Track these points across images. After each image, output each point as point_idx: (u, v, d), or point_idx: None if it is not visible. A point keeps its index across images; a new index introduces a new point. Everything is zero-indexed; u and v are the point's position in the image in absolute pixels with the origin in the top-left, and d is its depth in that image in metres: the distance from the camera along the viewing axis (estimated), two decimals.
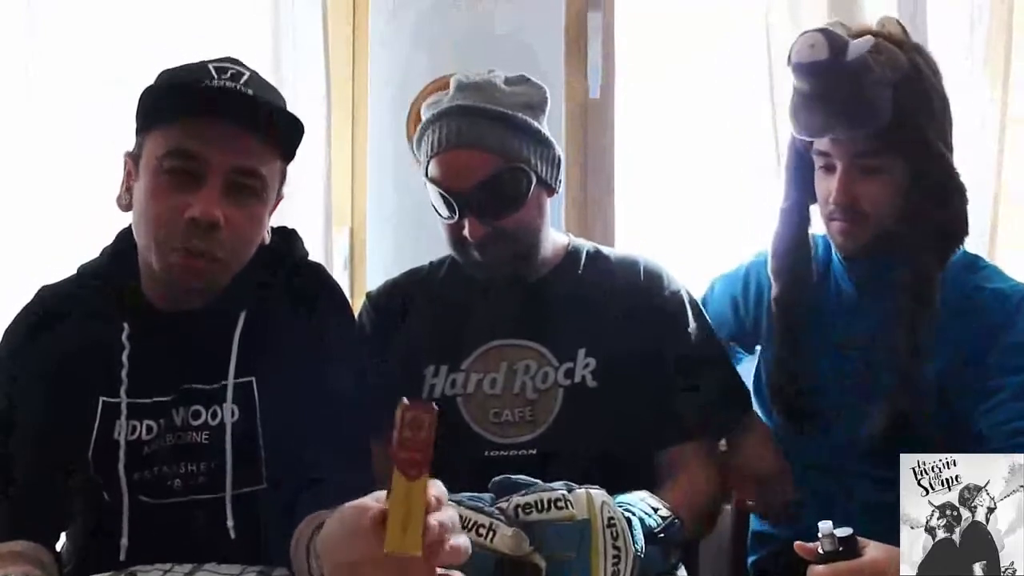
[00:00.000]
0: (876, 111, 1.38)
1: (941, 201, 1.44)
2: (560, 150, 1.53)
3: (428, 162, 1.50)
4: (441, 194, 1.48)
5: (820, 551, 1.10)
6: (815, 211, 1.56)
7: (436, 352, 1.53)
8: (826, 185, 1.47)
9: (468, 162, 1.46)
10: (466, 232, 1.46)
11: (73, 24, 2.47)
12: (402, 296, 1.62)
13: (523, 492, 1.12)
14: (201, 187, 1.21)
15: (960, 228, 1.46)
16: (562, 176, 1.55)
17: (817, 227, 1.56)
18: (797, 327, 1.53)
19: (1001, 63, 2.45)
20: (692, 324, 1.54)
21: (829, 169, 1.46)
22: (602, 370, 1.48)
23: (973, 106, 2.46)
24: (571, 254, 1.60)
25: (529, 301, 1.53)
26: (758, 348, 1.66)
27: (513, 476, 1.17)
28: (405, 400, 0.83)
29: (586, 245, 1.62)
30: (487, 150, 1.45)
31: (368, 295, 1.66)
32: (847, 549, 1.08)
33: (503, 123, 1.46)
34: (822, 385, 1.52)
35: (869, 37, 1.38)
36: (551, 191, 1.54)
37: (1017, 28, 2.47)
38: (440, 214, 1.50)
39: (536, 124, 1.49)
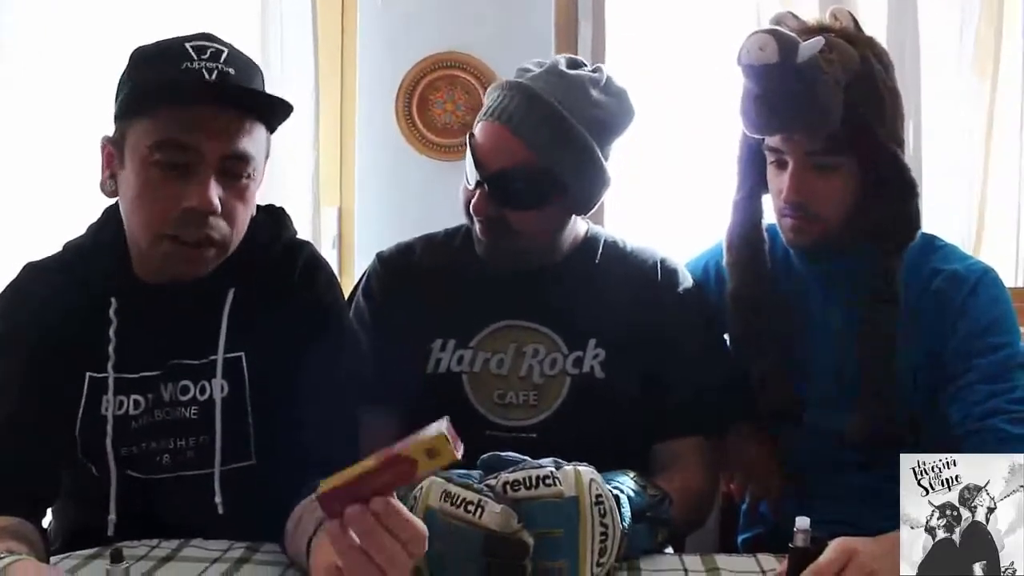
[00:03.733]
0: (827, 112, 1.36)
1: (892, 199, 1.43)
2: (610, 175, 1.48)
3: (480, 119, 1.46)
4: (471, 158, 1.45)
5: (791, 544, 1.11)
6: (768, 201, 1.55)
7: (445, 326, 1.51)
8: (778, 181, 1.46)
9: (505, 144, 1.41)
10: (473, 201, 1.44)
11: (61, 8, 2.46)
12: (415, 259, 1.59)
13: (512, 469, 1.11)
14: (194, 175, 1.20)
15: (911, 225, 1.45)
16: (602, 200, 1.51)
17: (770, 217, 1.55)
18: (756, 321, 1.53)
19: (990, 63, 2.47)
20: (702, 322, 1.54)
21: (781, 165, 1.45)
22: (611, 362, 1.47)
23: (962, 105, 2.48)
24: (589, 241, 1.57)
25: (544, 284, 1.51)
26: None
27: (502, 453, 1.16)
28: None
29: (604, 233, 1.59)
30: (527, 145, 1.41)
31: (379, 254, 1.63)
32: (817, 547, 1.10)
33: (560, 129, 1.41)
34: (800, 375, 1.52)
35: (820, 38, 1.35)
36: (582, 210, 1.51)
37: (1006, 29, 2.48)
38: (466, 174, 1.47)
39: (595, 144, 1.43)
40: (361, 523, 0.86)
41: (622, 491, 1.17)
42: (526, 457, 1.15)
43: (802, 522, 1.11)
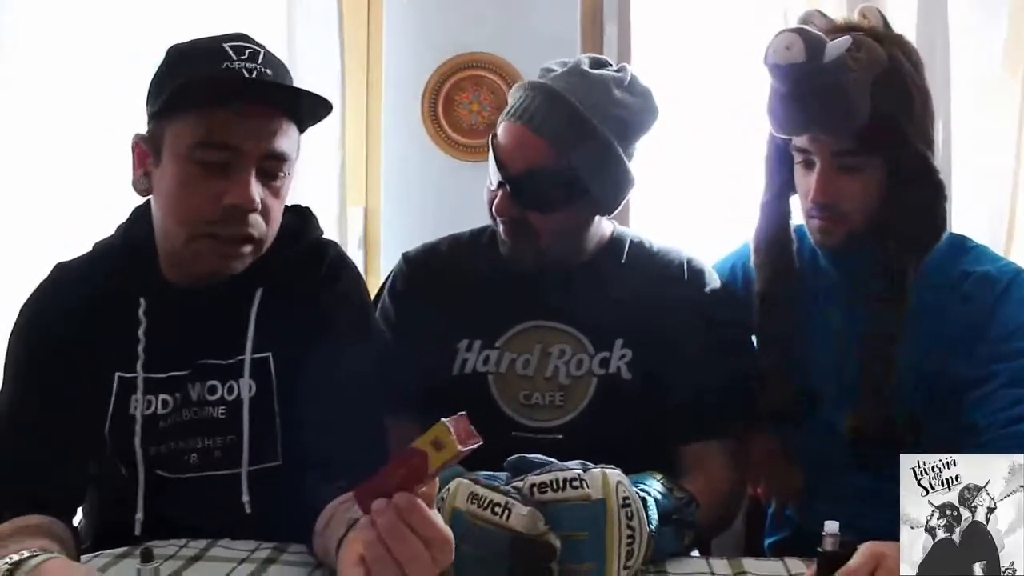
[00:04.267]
0: (854, 112, 1.35)
1: (919, 200, 1.42)
2: (634, 175, 1.48)
3: (502, 120, 1.47)
4: (494, 159, 1.45)
5: (820, 549, 1.11)
6: (795, 202, 1.55)
7: (471, 326, 1.51)
8: (806, 181, 1.45)
9: (527, 144, 1.42)
10: (496, 202, 1.45)
11: (70, 7, 2.47)
12: (441, 259, 1.60)
13: (538, 471, 1.11)
14: (234, 173, 1.21)
15: (937, 226, 1.44)
16: (626, 200, 1.51)
17: (798, 218, 1.55)
18: (781, 321, 1.52)
19: (1021, 56, 2.44)
20: (728, 324, 1.52)
21: (808, 165, 1.44)
22: (637, 363, 1.46)
23: (992, 103, 2.45)
24: (615, 241, 1.56)
25: (570, 285, 1.51)
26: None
27: (528, 455, 1.16)
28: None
29: (629, 234, 1.59)
30: (549, 145, 1.41)
31: (405, 255, 1.63)
32: (846, 552, 1.09)
33: (582, 130, 1.41)
34: (811, 376, 1.51)
35: (847, 37, 1.35)
36: (605, 211, 1.51)
37: None
38: (489, 175, 1.48)
39: (617, 144, 1.43)
40: (383, 518, 0.87)
41: (649, 494, 1.17)
42: (553, 459, 1.15)
43: (831, 526, 1.10)
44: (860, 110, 1.36)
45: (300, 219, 1.40)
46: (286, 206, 1.37)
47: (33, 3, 2.44)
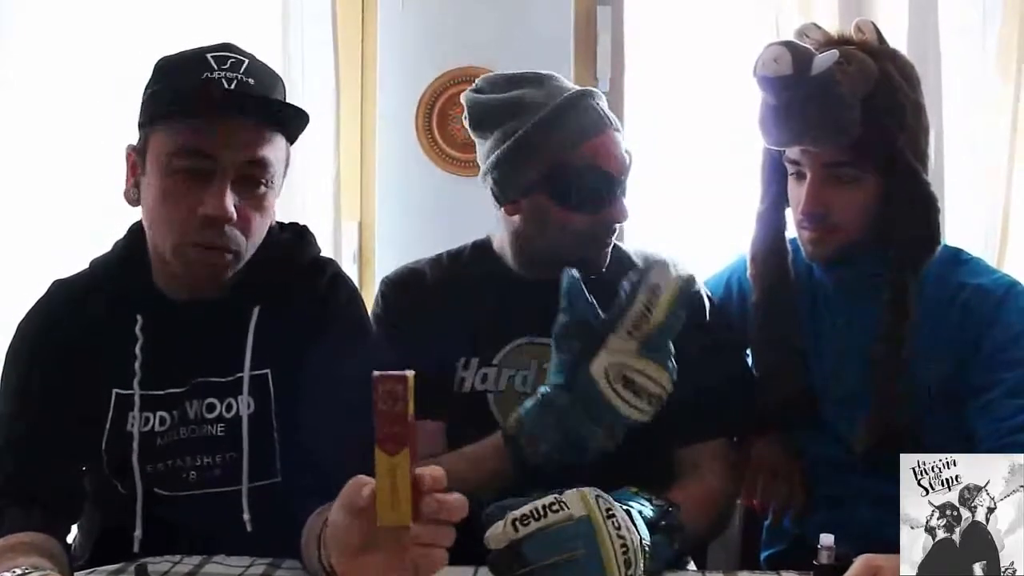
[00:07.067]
0: (843, 125, 1.36)
1: (911, 213, 1.42)
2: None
3: (574, 146, 1.41)
4: (599, 177, 1.42)
5: (816, 562, 1.11)
6: (791, 214, 1.55)
7: (468, 344, 1.50)
8: (797, 193, 1.45)
9: (618, 146, 1.43)
10: (614, 214, 1.43)
11: (84, 5, 2.48)
12: (426, 280, 1.57)
13: (514, 507, 1.10)
14: (211, 183, 1.21)
15: (931, 240, 1.44)
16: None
17: (793, 230, 1.55)
18: (778, 331, 1.52)
19: (1013, 59, 2.45)
20: (718, 329, 1.52)
21: (800, 177, 1.45)
22: None
23: (986, 105, 2.46)
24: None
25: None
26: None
27: (501, 502, 1.15)
28: (376, 372, 0.85)
29: (621, 247, 1.57)
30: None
31: (386, 279, 1.60)
32: (842, 564, 1.10)
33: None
34: (810, 386, 1.51)
35: (834, 51, 1.35)
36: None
37: None
38: (582, 201, 1.42)
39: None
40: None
41: (632, 507, 1.16)
42: (522, 498, 1.14)
43: (826, 539, 1.10)
44: (850, 123, 1.36)
45: (298, 237, 1.40)
46: (283, 224, 1.38)
47: (33, 4, 2.45)
